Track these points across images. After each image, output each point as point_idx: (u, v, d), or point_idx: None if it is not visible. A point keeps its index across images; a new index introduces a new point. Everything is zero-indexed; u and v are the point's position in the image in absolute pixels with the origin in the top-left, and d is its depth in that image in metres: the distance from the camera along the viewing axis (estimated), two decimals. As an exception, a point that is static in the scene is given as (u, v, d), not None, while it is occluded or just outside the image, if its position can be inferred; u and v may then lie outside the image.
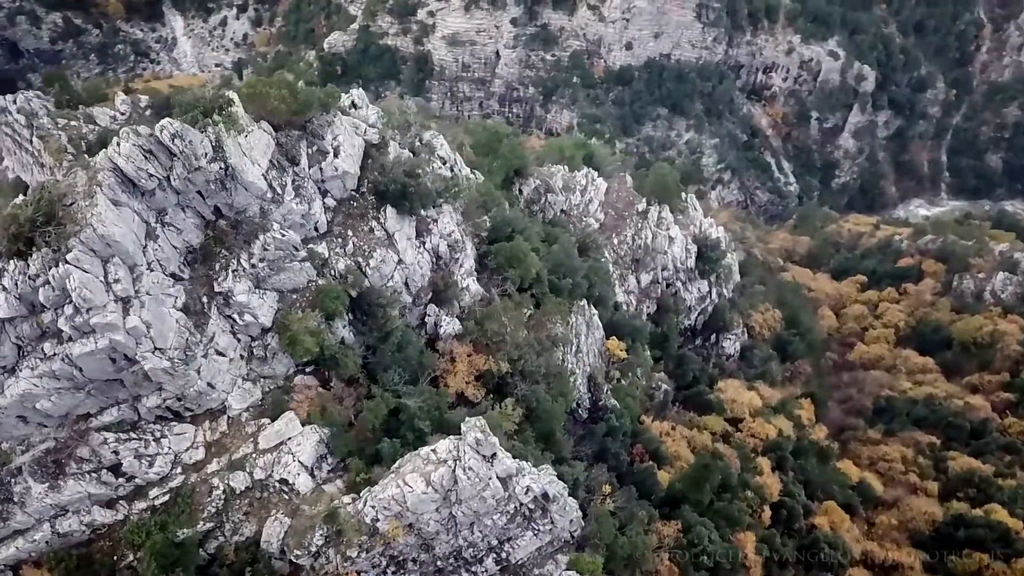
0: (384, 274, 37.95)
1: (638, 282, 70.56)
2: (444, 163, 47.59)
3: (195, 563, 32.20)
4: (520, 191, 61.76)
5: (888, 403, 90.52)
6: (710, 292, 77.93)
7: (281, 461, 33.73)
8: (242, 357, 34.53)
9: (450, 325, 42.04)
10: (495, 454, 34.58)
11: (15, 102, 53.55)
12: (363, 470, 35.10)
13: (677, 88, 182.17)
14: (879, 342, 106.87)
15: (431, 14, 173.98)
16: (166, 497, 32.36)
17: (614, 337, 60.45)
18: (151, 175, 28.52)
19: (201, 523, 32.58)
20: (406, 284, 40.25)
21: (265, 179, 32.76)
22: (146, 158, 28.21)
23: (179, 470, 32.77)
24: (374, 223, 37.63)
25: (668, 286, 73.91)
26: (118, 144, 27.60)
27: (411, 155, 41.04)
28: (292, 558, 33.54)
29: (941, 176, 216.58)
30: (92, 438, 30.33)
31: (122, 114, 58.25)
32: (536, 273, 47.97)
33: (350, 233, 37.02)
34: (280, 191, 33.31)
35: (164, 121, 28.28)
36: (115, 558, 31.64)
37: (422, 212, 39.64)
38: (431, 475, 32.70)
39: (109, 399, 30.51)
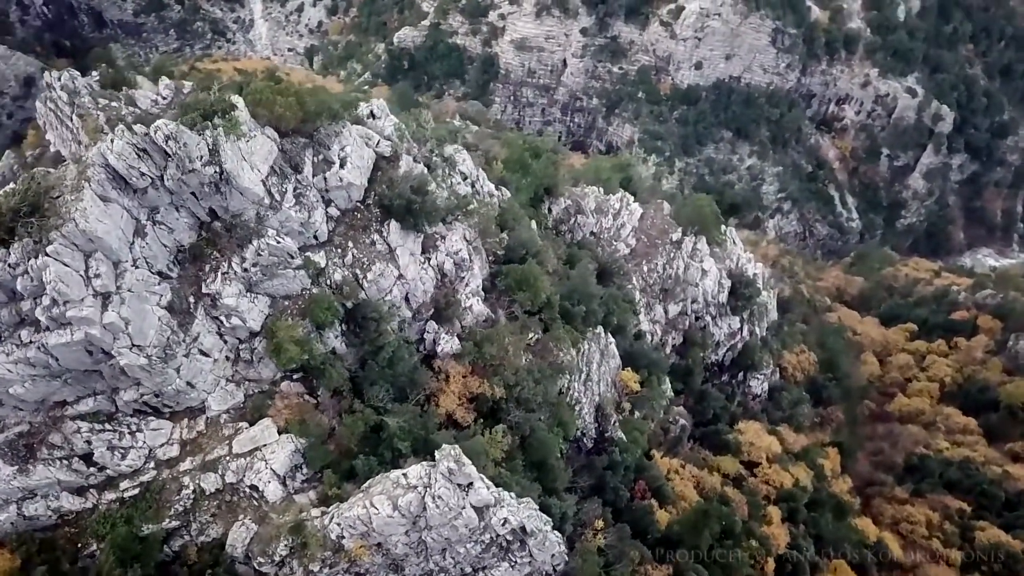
0: (382, 288, 37.58)
1: (665, 312, 69.01)
2: (465, 178, 47.10)
3: (156, 559, 32.28)
4: (549, 210, 60.94)
5: (921, 461, 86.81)
6: (741, 329, 75.83)
7: (254, 467, 33.63)
8: (228, 359, 34.55)
9: (448, 344, 41.47)
10: (471, 484, 33.87)
11: (59, 79, 54.95)
12: (336, 484, 34.84)
13: (744, 112, 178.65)
14: (921, 396, 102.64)
15: (502, 17, 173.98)
16: (136, 490, 32.48)
17: (629, 368, 59.14)
18: (143, 174, 28.62)
19: (167, 520, 32.64)
20: (406, 299, 39.84)
21: (264, 185, 32.66)
22: (139, 157, 28.31)
23: (152, 465, 32.89)
24: (376, 236, 37.29)
25: (697, 319, 72.14)
26: (112, 140, 27.72)
27: (425, 170, 40.59)
28: (255, 565, 33.45)
29: (1014, 227, 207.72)
30: (66, 426, 30.60)
31: (163, 98, 59.37)
32: (547, 298, 47.09)
33: (351, 244, 36.74)
34: (279, 198, 33.17)
35: (160, 121, 28.34)
36: (79, 545, 31.87)
37: (428, 229, 39.04)
38: (399, 499, 32.18)
39: (87, 389, 30.75)
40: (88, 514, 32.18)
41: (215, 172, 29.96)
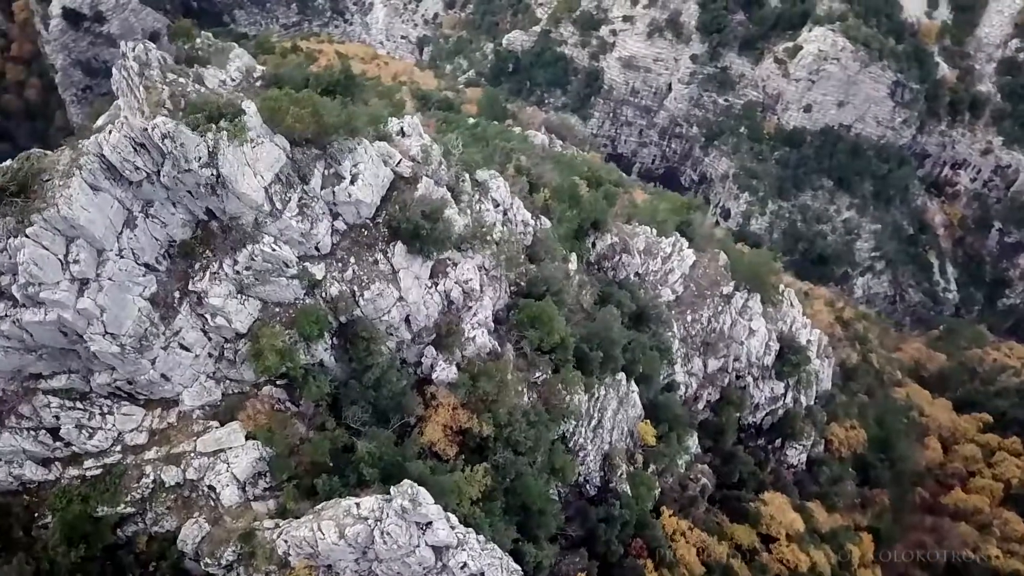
0: (379, 307, 37.03)
1: (704, 366, 66.41)
2: (496, 206, 46.13)
3: (105, 542, 32.66)
4: (593, 245, 59.29)
5: (965, 566, 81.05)
6: (784, 395, 72.33)
7: (215, 468, 33.62)
8: (210, 356, 34.66)
9: (446, 372, 40.62)
10: (431, 523, 32.95)
11: (133, 49, 56.42)
12: (295, 499, 34.50)
13: (849, 163, 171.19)
14: (982, 494, 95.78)
15: (613, 33, 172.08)
16: (98, 471, 32.94)
17: (650, 420, 57.08)
18: (138, 168, 28.84)
19: (123, 506, 32.96)
20: (407, 320, 39.17)
21: (266, 192, 32.51)
22: (136, 151, 28.54)
23: (118, 448, 33.28)
24: (380, 256, 36.78)
25: (738, 377, 69.18)
26: (110, 132, 28.00)
27: (447, 194, 39.81)
28: (203, 565, 33.48)
29: None
30: (37, 399, 31.23)
31: (232, 80, 60.57)
32: (560, 338, 45.65)
33: (352, 260, 36.33)
34: (281, 206, 32.99)
35: (159, 119, 28.49)
36: (35, 515, 32.53)
37: (435, 255, 38.26)
38: (347, 529, 31.48)
39: (62, 366, 31.32)
40: (50, 486, 32.81)
41: (211, 174, 29.94)
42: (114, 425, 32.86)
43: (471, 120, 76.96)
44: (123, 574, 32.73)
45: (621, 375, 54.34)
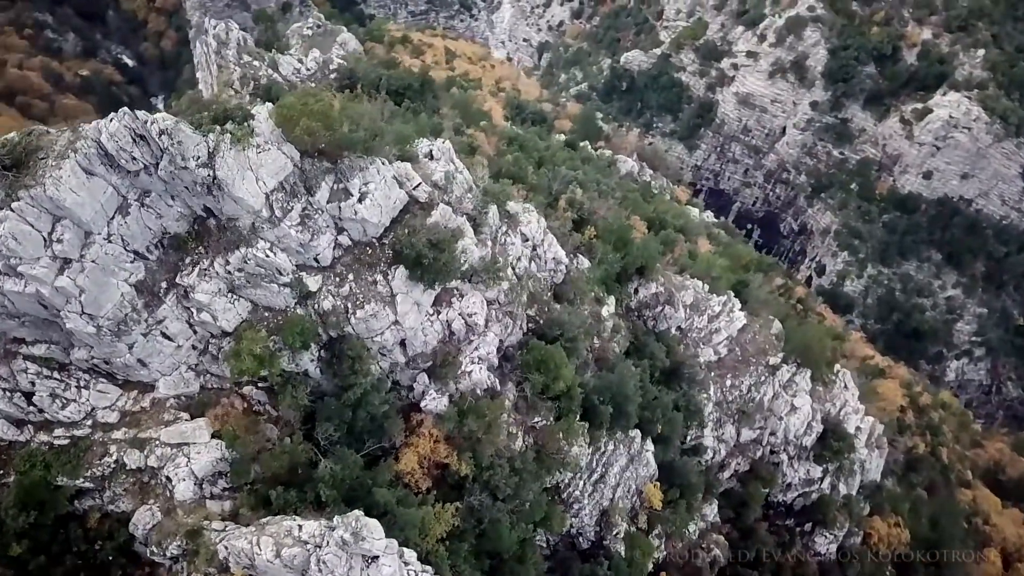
0: (372, 328, 36.35)
1: (737, 435, 63.18)
2: (525, 240, 44.85)
3: (59, 512, 33.17)
4: (636, 291, 57.14)
5: None
6: (821, 480, 68.14)
7: (175, 460, 33.62)
8: (194, 348, 34.78)
9: (436, 402, 39.63)
10: (377, 558, 32.13)
11: (215, 26, 58.06)
12: (250, 506, 34.26)
13: (964, 238, 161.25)
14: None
15: (734, 67, 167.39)
16: (66, 441, 33.43)
17: (660, 482, 54.62)
18: (135, 159, 29.00)
19: (83, 480, 33.35)
20: (402, 344, 38.39)
21: (267, 199, 32.26)
22: (135, 141, 28.68)
23: (89, 423, 33.71)
24: (380, 277, 36.06)
25: (772, 452, 65.57)
26: (111, 120, 28.25)
27: (465, 224, 38.77)
28: (150, 552, 33.72)
29: None
30: (16, 362, 31.94)
31: (308, 69, 61.49)
32: (567, 387, 43.98)
33: (351, 277, 35.74)
34: (281, 215, 32.68)
35: (159, 115, 28.56)
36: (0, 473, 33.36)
37: (436, 286, 37.31)
38: (283, 550, 30.94)
39: (44, 335, 31.92)
40: (20, 447, 33.50)
41: (208, 175, 29.86)
42: (88, 400, 33.30)
43: (545, 143, 75.52)
44: (69, 547, 33.15)
45: (636, 432, 52.23)
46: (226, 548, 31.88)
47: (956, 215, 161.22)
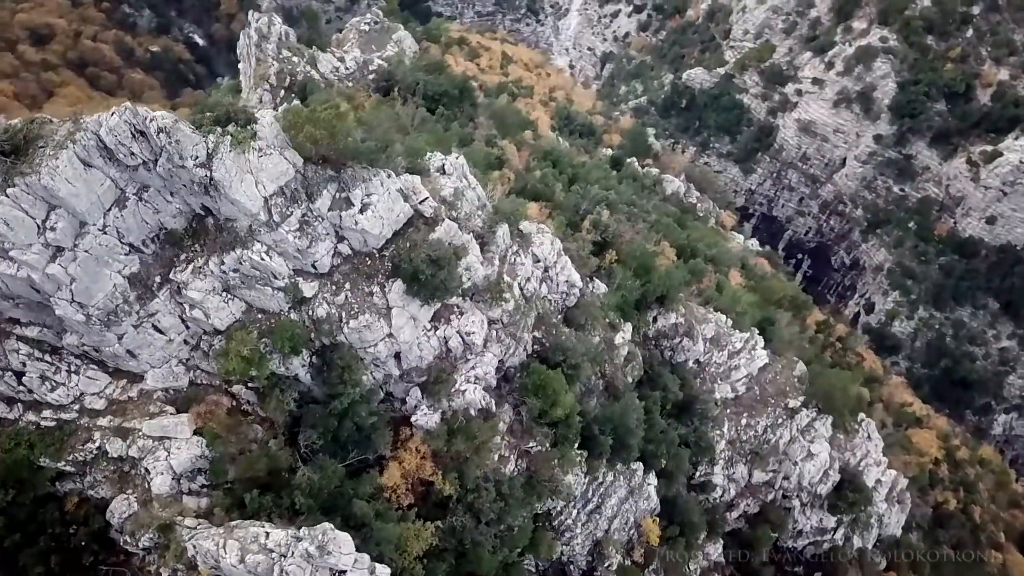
0: (365, 339, 36.02)
1: (748, 475, 61.40)
2: (537, 261, 44.09)
3: (38, 492, 33.59)
4: (654, 320, 55.85)
5: None
6: (834, 530, 65.83)
7: (155, 453, 33.76)
8: (186, 343, 34.89)
9: (427, 418, 39.12)
10: (344, 572, 31.79)
11: (257, 20, 58.43)
12: (225, 507, 34.20)
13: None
14: None
15: (798, 93, 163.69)
16: (52, 423, 33.83)
17: (657, 518, 53.30)
18: (134, 154, 29.08)
19: (64, 463, 33.73)
20: (396, 356, 38.01)
21: (266, 202, 32.14)
22: (134, 137, 28.75)
23: (76, 407, 34.05)
24: (377, 289, 35.71)
25: (784, 496, 63.58)
26: (112, 114, 28.37)
27: (471, 241, 38.20)
28: (123, 541, 33.96)
29: None
30: (8, 342, 32.37)
31: (347, 69, 61.55)
32: (565, 415, 43.09)
33: (348, 286, 35.46)
34: (279, 219, 32.52)
35: (159, 112, 28.56)
36: (-14, 447, 33.85)
37: (433, 301, 36.81)
38: (248, 556, 30.77)
39: (38, 318, 32.28)
40: (8, 424, 34.05)
41: (205, 175, 29.81)
42: (77, 385, 33.61)
43: (580, 159, 74.39)
44: (44, 528, 33.52)
45: (638, 465, 51.05)
46: (194, 547, 31.92)
47: (1018, 264, 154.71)
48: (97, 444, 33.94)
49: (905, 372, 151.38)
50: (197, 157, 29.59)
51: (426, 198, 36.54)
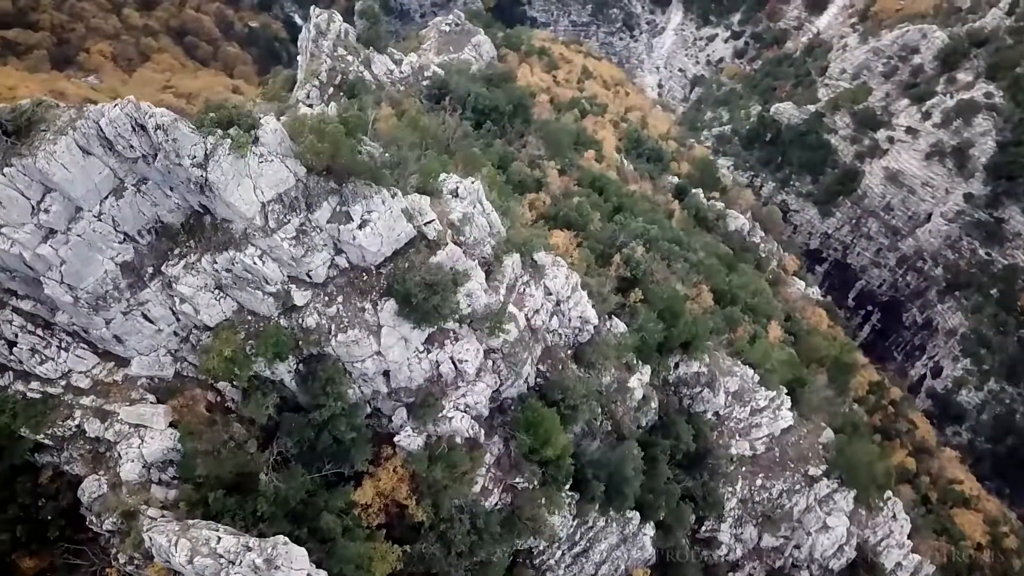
0: (353, 354, 35.59)
1: (757, 538, 58.78)
2: (549, 294, 42.93)
3: (14, 462, 34.30)
4: (676, 366, 53.94)
5: None
6: (845, 608, 62.50)
7: (129, 440, 34.04)
8: (176, 335, 35.07)
9: (410, 439, 38.46)
10: (293, 587, 31.45)
11: (317, 15, 58.68)
12: (189, 501, 34.24)
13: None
14: None
15: (890, 140, 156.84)
16: (38, 395, 34.45)
17: (649, 569, 51.42)
18: (132, 147, 29.23)
19: (43, 436, 34.30)
20: (386, 374, 37.49)
21: (263, 208, 31.98)
22: (134, 130, 28.89)
23: (63, 383, 34.61)
24: (369, 305, 35.21)
25: (794, 565, 60.63)
26: (114, 105, 28.57)
27: (475, 268, 37.37)
28: (88, 521, 34.40)
29: None
30: (4, 312, 33.07)
31: (401, 73, 61.41)
32: (556, 456, 41.85)
33: (341, 299, 35.09)
34: (275, 226, 32.32)
35: (158, 110, 28.61)
36: (-26, 410, 34.66)
37: (424, 325, 36.09)
38: (196, 557, 30.69)
39: (34, 292, 32.85)
40: (1, 391, 34.84)
41: (201, 175, 29.78)
42: (66, 361, 34.11)
43: (629, 188, 72.49)
44: (14, 498, 34.18)
45: (634, 514, 49.32)
46: (150, 539, 32.00)
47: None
48: (77, 422, 34.42)
49: (966, 444, 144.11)
50: (195, 157, 29.58)
51: (431, 220, 35.87)
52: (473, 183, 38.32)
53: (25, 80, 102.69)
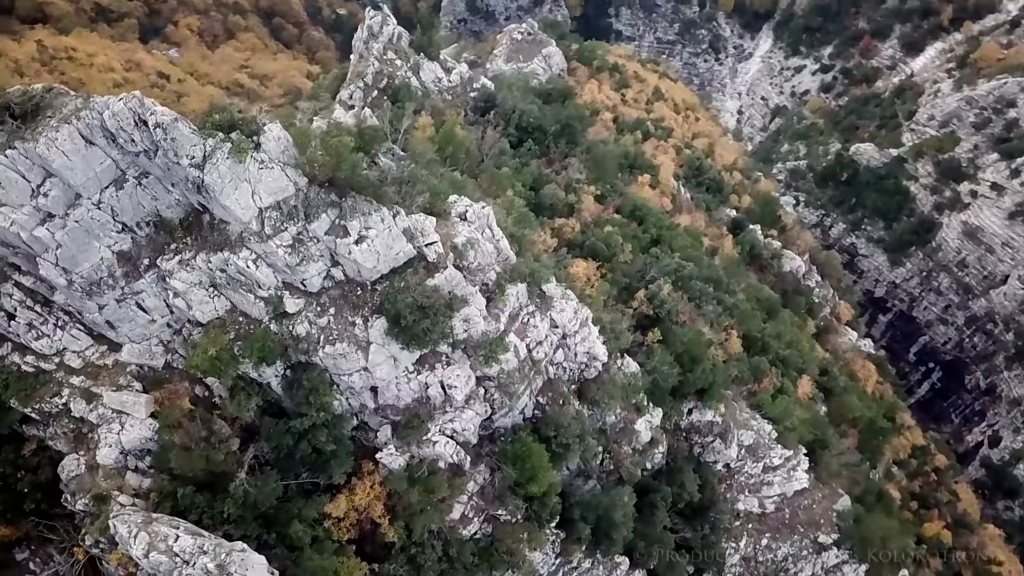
0: (341, 367, 35.29)
1: (757, 599, 56.57)
2: (555, 327, 41.89)
3: (1, 431, 35.02)
4: (689, 412, 52.18)
5: None
6: None
7: (110, 425, 34.41)
8: (169, 326, 35.36)
9: (392, 458, 37.94)
10: (249, 596, 31.32)
11: (371, 17, 58.68)
12: (161, 493, 34.40)
13: None
14: None
15: (973, 194, 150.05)
16: (32, 369, 35.10)
17: (634, 616, 49.88)
18: (134, 141, 29.41)
19: (31, 411, 34.92)
20: (373, 390, 37.09)
21: (260, 213, 31.86)
22: (136, 125, 29.06)
23: (56, 360, 35.19)
24: (360, 320, 34.82)
25: (795, 634, 58.13)
26: (120, 99, 28.76)
27: (475, 295, 36.64)
28: (63, 499, 34.94)
29: None
30: (6, 285, 33.75)
31: (450, 82, 61.03)
32: (542, 492, 40.82)
33: (333, 310, 34.78)
34: (271, 232, 32.16)
35: (159, 109, 28.69)
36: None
37: (412, 347, 35.50)
38: (152, 553, 30.77)
39: (34, 269, 33.42)
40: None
41: (198, 176, 29.78)
42: (61, 339, 34.68)
43: (673, 220, 70.44)
44: (-7, 469, 34.96)
45: (623, 559, 47.86)
46: (114, 526, 32.24)
47: None
48: (64, 400, 34.92)
49: (1018, 520, 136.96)
50: (193, 157, 29.61)
51: (433, 242, 35.25)
52: (484, 208, 37.56)
53: (105, 48, 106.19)
